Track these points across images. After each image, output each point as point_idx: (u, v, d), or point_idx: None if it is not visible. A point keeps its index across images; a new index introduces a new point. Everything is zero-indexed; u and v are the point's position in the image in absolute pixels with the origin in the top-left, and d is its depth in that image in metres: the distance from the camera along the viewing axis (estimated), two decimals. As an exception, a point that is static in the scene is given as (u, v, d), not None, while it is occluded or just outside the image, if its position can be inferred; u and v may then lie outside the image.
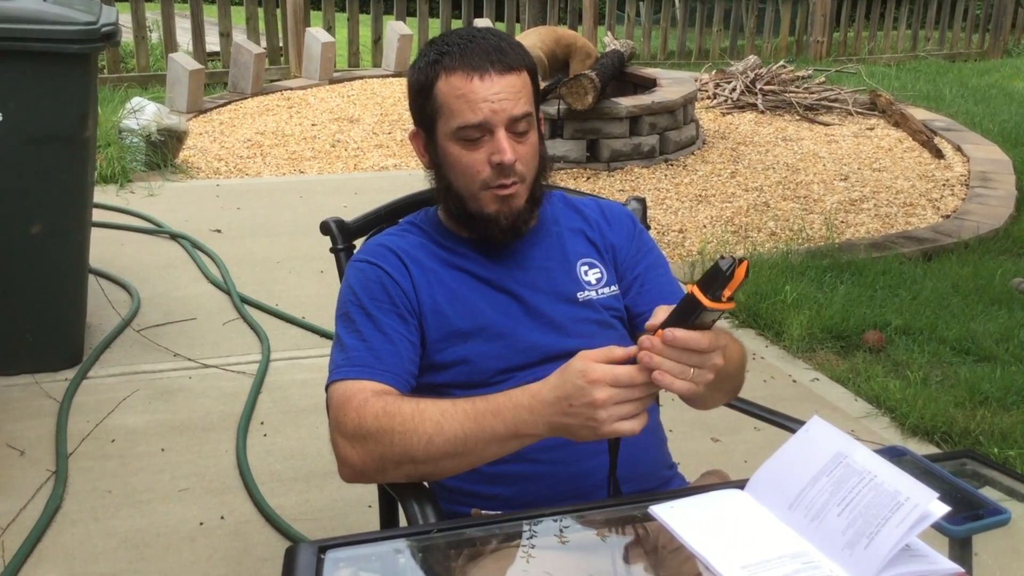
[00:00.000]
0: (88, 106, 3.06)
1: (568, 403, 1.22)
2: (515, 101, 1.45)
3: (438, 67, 1.47)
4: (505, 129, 1.44)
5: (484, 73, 1.44)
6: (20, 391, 3.08)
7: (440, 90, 1.46)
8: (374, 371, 1.43)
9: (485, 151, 1.45)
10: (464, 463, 1.34)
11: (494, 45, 1.46)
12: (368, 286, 1.51)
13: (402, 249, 1.55)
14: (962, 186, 5.66)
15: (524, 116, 1.46)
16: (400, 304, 1.49)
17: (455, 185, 1.50)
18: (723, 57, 9.42)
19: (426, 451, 1.32)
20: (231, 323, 3.64)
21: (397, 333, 1.47)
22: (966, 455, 1.41)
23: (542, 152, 1.53)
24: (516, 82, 1.46)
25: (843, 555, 1.08)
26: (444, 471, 1.36)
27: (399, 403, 1.36)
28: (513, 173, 1.46)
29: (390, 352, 1.45)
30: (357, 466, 1.38)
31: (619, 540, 1.27)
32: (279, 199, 5.09)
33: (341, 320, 1.51)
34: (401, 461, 1.34)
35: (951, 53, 10.61)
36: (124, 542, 2.38)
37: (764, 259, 4.29)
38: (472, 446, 1.31)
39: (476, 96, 1.43)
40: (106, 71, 7.37)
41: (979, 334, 3.64)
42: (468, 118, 1.44)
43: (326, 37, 7.66)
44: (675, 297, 1.58)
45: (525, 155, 1.48)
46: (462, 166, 1.47)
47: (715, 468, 1.65)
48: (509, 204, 1.48)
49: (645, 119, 5.85)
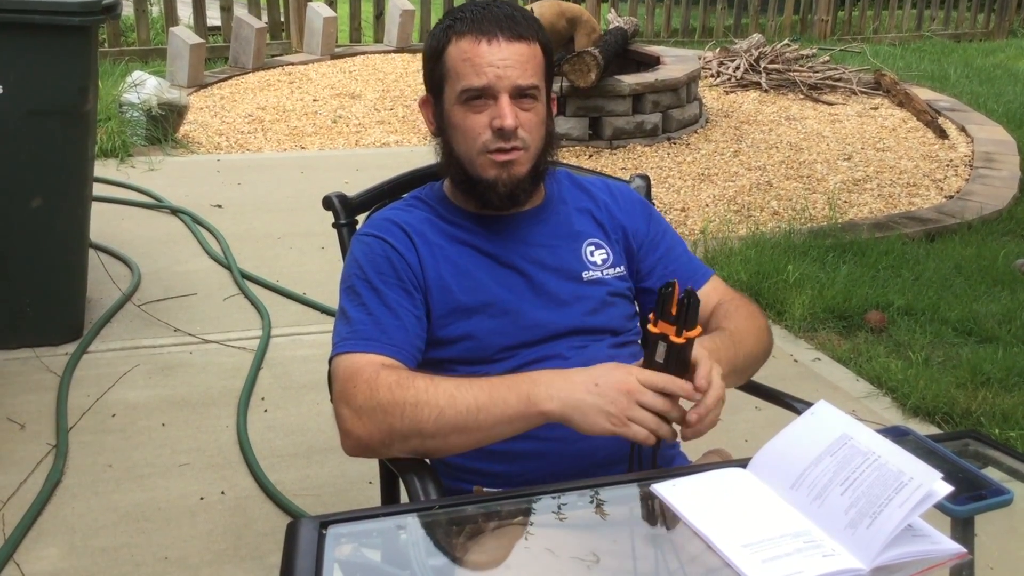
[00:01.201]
0: (89, 79, 3.04)
1: (595, 383, 1.24)
2: (521, 70, 1.44)
3: (450, 32, 1.47)
4: (509, 96, 1.44)
5: (492, 38, 1.44)
6: (20, 365, 3.08)
7: (450, 54, 1.47)
8: (382, 344, 1.42)
9: (487, 115, 1.45)
10: (472, 440, 1.34)
11: (507, 13, 1.46)
12: (374, 260, 1.50)
13: (408, 223, 1.54)
14: (966, 167, 5.64)
15: (530, 87, 1.45)
16: (406, 279, 1.49)
17: (457, 150, 1.50)
18: (727, 35, 9.36)
19: (436, 424, 1.31)
20: (232, 299, 3.64)
21: (403, 308, 1.46)
22: (969, 435, 1.40)
23: (549, 127, 1.53)
24: (525, 51, 1.45)
25: (845, 534, 1.08)
26: (451, 447, 1.36)
27: (413, 376, 1.36)
28: (515, 138, 1.45)
29: (396, 327, 1.44)
30: (363, 439, 1.36)
31: (621, 518, 1.27)
32: (280, 175, 5.07)
33: (346, 293, 1.50)
34: (410, 434, 1.33)
35: (956, 33, 10.55)
36: (124, 516, 2.39)
37: (767, 238, 4.28)
38: (483, 420, 1.31)
39: (482, 60, 1.43)
40: (107, 44, 7.32)
41: (981, 315, 3.63)
42: (472, 81, 1.44)
43: (328, 12, 7.61)
44: (698, 274, 1.64)
45: (529, 122, 1.47)
46: (464, 128, 1.47)
47: (716, 447, 1.65)
48: (509, 170, 1.48)
49: (648, 97, 5.82)
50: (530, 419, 1.30)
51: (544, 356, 1.49)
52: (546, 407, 1.28)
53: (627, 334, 1.60)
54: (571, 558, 1.16)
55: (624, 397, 1.22)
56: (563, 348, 1.51)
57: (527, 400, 1.28)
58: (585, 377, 1.27)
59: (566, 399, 1.26)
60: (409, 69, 7.37)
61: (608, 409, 1.23)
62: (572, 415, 1.26)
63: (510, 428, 1.32)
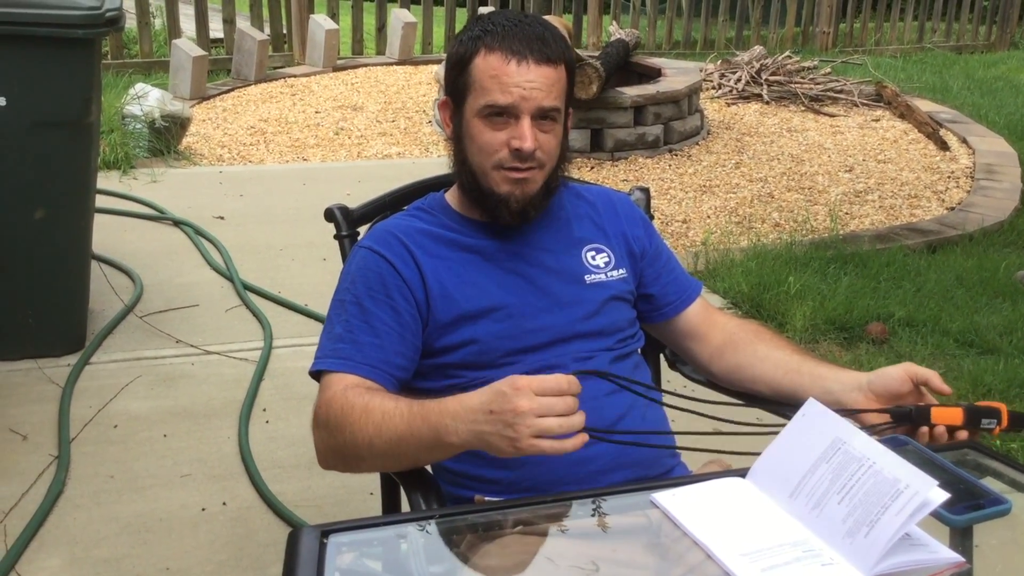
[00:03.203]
0: (92, 91, 3.05)
1: (489, 409, 1.21)
2: (547, 93, 1.46)
3: (479, 43, 1.48)
4: (531, 118, 1.45)
5: (522, 59, 1.45)
6: (23, 376, 3.08)
7: (477, 66, 1.48)
8: (355, 364, 1.45)
9: (507, 134, 1.47)
10: (405, 464, 1.38)
11: (538, 34, 1.47)
12: (366, 276, 1.52)
13: (408, 235, 1.55)
14: (967, 178, 5.64)
15: (553, 110, 1.48)
16: (396, 295, 1.50)
17: (471, 160, 1.51)
18: (728, 47, 9.38)
19: (369, 450, 1.35)
20: (233, 310, 3.64)
21: (385, 326, 1.48)
22: (967, 445, 1.40)
23: (564, 146, 1.55)
24: (552, 74, 1.47)
25: (844, 543, 1.08)
26: (392, 470, 1.43)
27: (355, 399, 1.38)
28: (531, 159, 1.47)
29: (374, 346, 1.47)
30: (325, 456, 1.44)
31: (620, 527, 1.27)
32: (282, 186, 5.08)
33: (335, 305, 1.54)
34: (354, 458, 1.39)
35: (958, 45, 10.57)
36: (126, 527, 2.39)
37: (768, 250, 4.28)
38: (405, 450, 1.33)
39: (509, 80, 1.45)
40: (109, 57, 7.34)
41: (983, 327, 3.63)
42: (497, 99, 1.45)
43: (330, 24, 7.64)
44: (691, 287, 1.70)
45: (546, 143, 1.49)
46: (481, 142, 1.48)
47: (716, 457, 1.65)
48: (522, 187, 1.50)
49: (650, 109, 5.83)
50: (446, 450, 1.30)
51: (548, 366, 1.49)
52: (452, 440, 1.27)
53: (629, 340, 1.61)
54: (570, 567, 1.16)
55: (519, 419, 1.18)
56: (567, 359, 1.52)
57: (436, 434, 1.28)
58: (479, 403, 1.23)
59: (467, 431, 1.24)
60: (411, 81, 7.40)
61: (507, 435, 1.19)
62: (478, 446, 1.25)
63: (432, 456, 1.36)
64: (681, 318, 1.68)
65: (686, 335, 1.68)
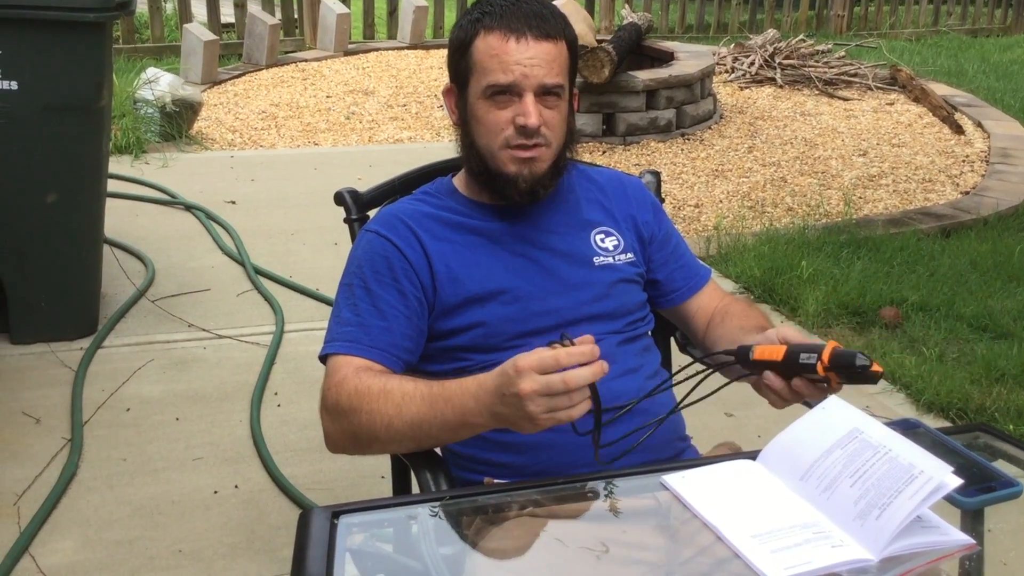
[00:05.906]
0: (103, 75, 3.05)
1: (501, 392, 1.22)
2: (548, 69, 1.45)
3: (478, 25, 1.48)
4: (534, 95, 1.45)
5: (521, 36, 1.44)
6: (36, 359, 3.10)
7: (477, 48, 1.47)
8: (363, 347, 1.45)
9: (511, 112, 1.46)
10: (425, 445, 1.39)
11: (536, 11, 1.47)
12: (373, 259, 1.52)
13: (415, 219, 1.55)
14: (982, 162, 5.60)
15: (555, 86, 1.47)
16: (403, 278, 1.50)
17: (478, 143, 1.51)
18: (742, 31, 9.33)
19: (387, 433, 1.35)
20: (245, 294, 3.65)
21: (393, 309, 1.48)
22: (979, 428, 1.40)
23: (571, 125, 1.54)
24: (552, 50, 1.46)
25: (854, 525, 1.08)
26: (411, 451, 1.41)
27: (371, 381, 1.38)
28: (537, 135, 1.46)
29: (382, 329, 1.47)
30: (335, 439, 1.43)
31: (630, 509, 1.27)
32: (293, 171, 5.09)
33: (343, 289, 1.54)
34: (369, 439, 1.38)
35: (973, 28, 10.49)
36: (139, 510, 2.40)
37: (780, 234, 4.26)
38: (427, 430, 1.33)
39: (510, 58, 1.44)
40: (121, 42, 7.35)
41: (997, 311, 3.61)
42: (499, 78, 1.45)
43: (341, 8, 7.63)
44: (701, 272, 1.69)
45: (552, 120, 1.48)
46: (487, 123, 1.48)
47: (727, 440, 1.65)
48: (530, 166, 1.49)
49: (662, 93, 5.81)
50: (472, 429, 1.31)
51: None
52: (476, 420, 1.28)
53: (639, 323, 1.60)
54: (580, 548, 1.16)
55: (530, 401, 1.18)
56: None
57: (461, 415, 1.29)
58: (493, 386, 1.24)
59: (488, 413, 1.26)
60: (422, 65, 7.38)
61: (526, 414, 1.20)
62: (505, 424, 1.26)
63: (457, 436, 1.36)
64: (687, 305, 1.67)
65: (692, 322, 1.67)
